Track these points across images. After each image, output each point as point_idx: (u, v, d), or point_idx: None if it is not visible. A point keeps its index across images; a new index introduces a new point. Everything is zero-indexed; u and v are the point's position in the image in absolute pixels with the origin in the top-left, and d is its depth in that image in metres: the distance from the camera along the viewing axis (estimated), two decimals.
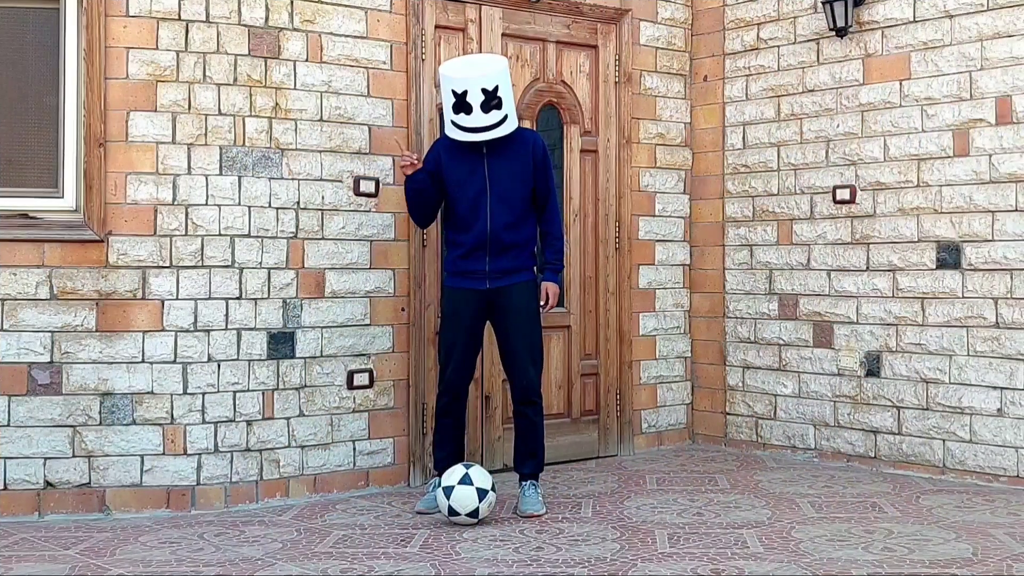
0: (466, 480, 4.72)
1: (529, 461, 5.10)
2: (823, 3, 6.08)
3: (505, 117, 4.92)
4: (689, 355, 6.85)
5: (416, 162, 5.04)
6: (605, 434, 6.44)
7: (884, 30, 5.97)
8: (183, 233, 5.09)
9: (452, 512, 4.73)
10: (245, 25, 5.21)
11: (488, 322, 5.15)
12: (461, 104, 4.86)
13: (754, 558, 4.19)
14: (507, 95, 4.92)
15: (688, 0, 6.85)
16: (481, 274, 5.00)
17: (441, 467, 5.06)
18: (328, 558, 4.26)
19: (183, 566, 4.16)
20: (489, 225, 4.96)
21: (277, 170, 5.29)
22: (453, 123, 4.93)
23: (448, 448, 5.10)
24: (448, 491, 4.72)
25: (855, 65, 6.09)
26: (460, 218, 5.02)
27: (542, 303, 5.13)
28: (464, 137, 4.93)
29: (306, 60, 5.37)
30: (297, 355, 5.33)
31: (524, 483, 5.07)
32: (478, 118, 4.87)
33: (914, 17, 5.85)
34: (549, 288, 5.14)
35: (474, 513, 4.72)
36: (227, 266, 5.16)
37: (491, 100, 4.85)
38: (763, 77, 6.53)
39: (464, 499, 4.70)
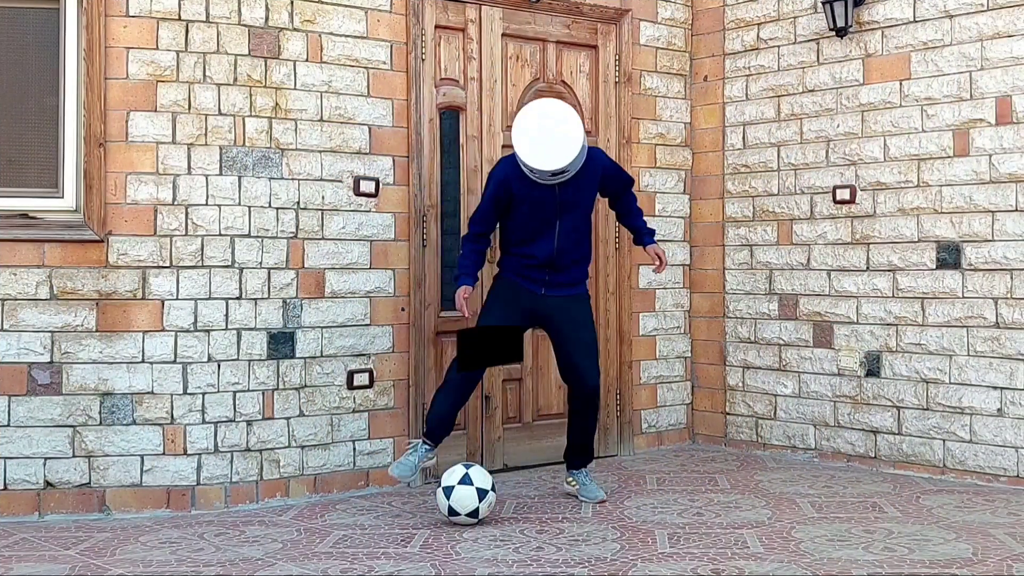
0: (466, 480, 4.73)
1: (584, 456, 5.30)
2: (823, 3, 6.08)
3: (571, 171, 4.92)
4: (689, 355, 6.85)
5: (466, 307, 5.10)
6: (605, 434, 6.43)
7: (884, 30, 5.97)
8: (183, 233, 5.09)
9: (452, 512, 4.73)
10: (245, 25, 5.21)
11: (541, 329, 5.26)
12: (532, 171, 4.89)
13: (754, 558, 4.19)
14: (581, 154, 4.88)
15: (688, 0, 6.85)
16: (541, 281, 5.10)
17: (432, 426, 4.98)
18: (328, 558, 4.26)
19: (183, 566, 4.16)
20: (556, 246, 5.05)
21: (277, 170, 5.29)
22: (525, 167, 4.90)
23: (444, 407, 4.99)
24: (448, 491, 4.73)
25: (855, 65, 6.09)
26: (528, 234, 5.06)
27: (655, 265, 5.25)
28: (535, 179, 4.95)
29: (306, 60, 5.37)
30: (297, 355, 5.33)
31: (578, 472, 5.28)
32: (548, 180, 4.90)
33: (914, 17, 5.85)
34: (658, 250, 5.25)
35: (474, 513, 4.72)
36: (227, 266, 5.16)
37: (560, 173, 4.87)
38: (763, 77, 6.53)
39: (464, 499, 4.71)
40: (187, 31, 5.10)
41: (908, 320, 5.84)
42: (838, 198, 6.15)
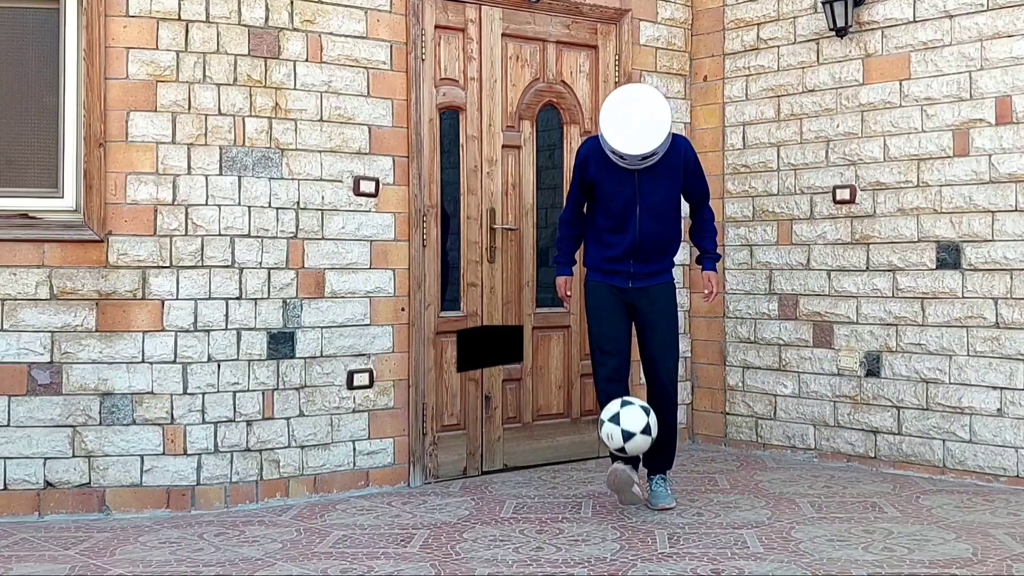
0: (615, 420, 4.80)
1: (660, 457, 5.12)
2: (823, 3, 6.08)
3: (659, 153, 4.89)
4: (689, 355, 6.85)
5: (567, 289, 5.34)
6: None
7: (884, 30, 5.97)
8: (183, 233, 5.09)
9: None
10: (245, 25, 5.21)
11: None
12: (618, 155, 4.86)
13: (754, 558, 4.19)
14: (667, 139, 4.85)
15: (688, 0, 6.85)
16: (626, 274, 5.07)
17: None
18: (328, 558, 4.26)
19: (183, 566, 4.16)
20: (638, 233, 5.00)
21: (277, 170, 5.29)
22: (610, 151, 4.87)
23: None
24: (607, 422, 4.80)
25: (855, 65, 6.09)
26: (611, 221, 5.04)
27: (707, 291, 5.25)
28: (620, 164, 4.93)
29: (306, 60, 5.37)
30: (297, 355, 5.33)
31: (654, 477, 5.13)
32: (635, 164, 4.88)
33: (914, 17, 5.85)
34: (713, 277, 5.26)
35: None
36: (227, 266, 5.16)
37: (649, 157, 4.85)
38: (763, 77, 6.53)
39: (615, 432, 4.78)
40: (187, 31, 5.10)
41: (908, 320, 5.84)
42: (838, 198, 6.15)
